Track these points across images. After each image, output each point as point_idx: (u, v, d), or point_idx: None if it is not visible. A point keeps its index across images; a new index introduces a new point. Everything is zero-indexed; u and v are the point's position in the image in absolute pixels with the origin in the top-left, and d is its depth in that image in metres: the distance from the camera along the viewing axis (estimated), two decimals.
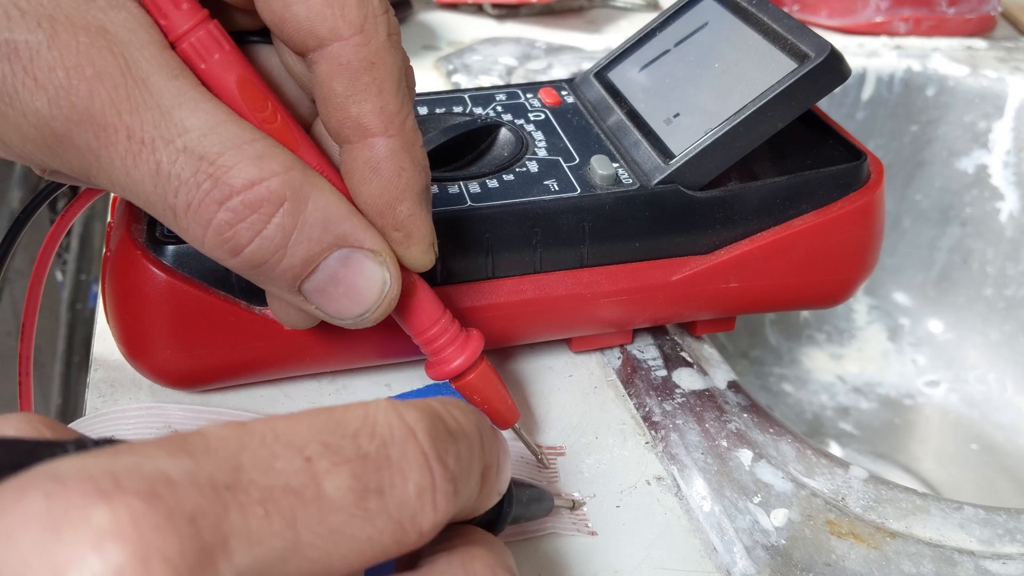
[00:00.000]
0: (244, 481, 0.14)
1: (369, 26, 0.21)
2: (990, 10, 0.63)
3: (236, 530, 0.14)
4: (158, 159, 0.20)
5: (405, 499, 0.16)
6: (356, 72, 0.22)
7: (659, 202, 0.30)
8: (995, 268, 0.60)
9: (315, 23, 0.21)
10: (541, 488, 0.25)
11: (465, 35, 0.61)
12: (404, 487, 0.16)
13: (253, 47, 0.24)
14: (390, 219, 0.23)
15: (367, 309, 0.23)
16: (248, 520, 0.14)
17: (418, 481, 0.16)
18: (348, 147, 0.23)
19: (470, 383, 0.27)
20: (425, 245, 0.24)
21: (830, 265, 0.33)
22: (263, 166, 0.21)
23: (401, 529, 0.16)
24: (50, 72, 0.20)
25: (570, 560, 0.26)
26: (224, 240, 0.21)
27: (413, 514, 0.16)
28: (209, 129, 0.20)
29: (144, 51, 0.20)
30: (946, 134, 0.60)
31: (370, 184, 0.23)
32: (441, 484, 0.17)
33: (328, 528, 0.15)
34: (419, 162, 0.23)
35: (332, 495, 0.15)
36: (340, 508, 0.15)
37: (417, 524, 0.16)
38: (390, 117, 0.22)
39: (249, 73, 0.22)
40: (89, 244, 1.00)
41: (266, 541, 0.14)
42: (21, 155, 0.21)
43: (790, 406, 0.57)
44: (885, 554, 0.27)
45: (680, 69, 0.34)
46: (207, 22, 0.21)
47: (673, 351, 0.34)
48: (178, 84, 0.20)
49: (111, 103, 0.20)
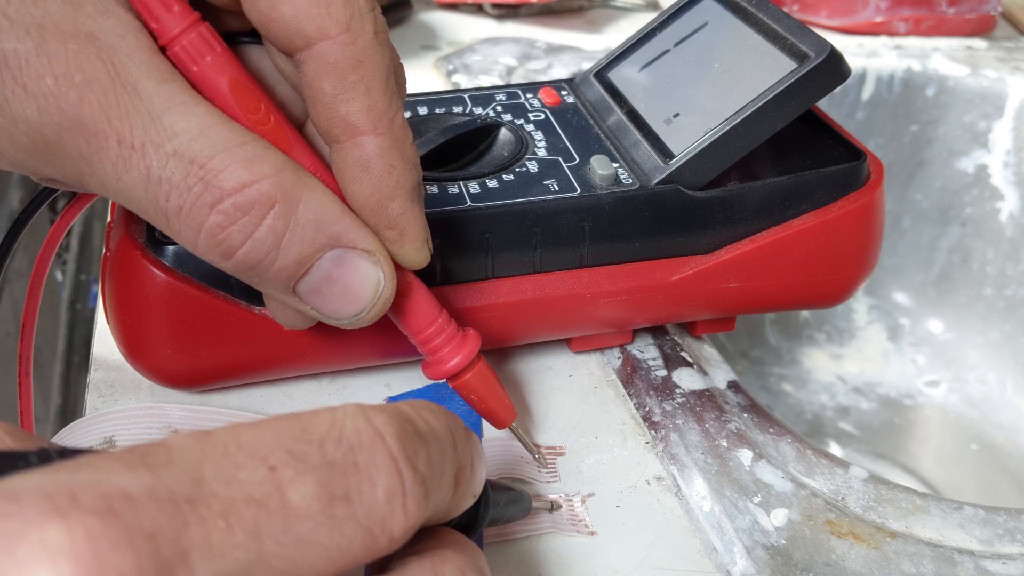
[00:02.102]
0: (205, 494, 0.14)
1: (356, 24, 0.22)
2: (990, 10, 0.63)
3: (197, 544, 0.14)
4: (148, 163, 0.20)
5: (374, 505, 0.16)
6: (343, 71, 0.22)
7: (659, 202, 0.30)
8: (995, 268, 0.60)
9: (302, 22, 0.21)
10: (518, 490, 0.25)
11: (465, 35, 0.61)
12: (372, 493, 0.16)
13: (244, 48, 0.24)
14: (382, 218, 0.23)
15: (362, 309, 0.23)
16: (209, 533, 0.14)
17: (387, 486, 0.16)
18: (338, 147, 0.23)
19: (467, 383, 0.27)
20: (419, 243, 0.24)
21: (830, 265, 0.33)
22: (254, 168, 0.21)
23: (371, 535, 0.16)
24: (39, 80, 0.20)
25: (570, 560, 0.26)
26: (217, 243, 0.21)
27: (383, 519, 0.16)
28: (199, 133, 0.20)
29: (133, 56, 0.20)
30: (946, 134, 0.60)
31: (361, 183, 0.23)
32: (411, 488, 0.16)
33: (294, 538, 0.15)
34: (409, 159, 0.23)
35: (297, 504, 0.15)
36: (306, 517, 0.15)
37: (388, 529, 0.16)
38: (378, 115, 0.22)
39: (241, 75, 0.22)
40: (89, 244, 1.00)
41: (229, 553, 0.14)
42: (15, 163, 0.21)
43: (790, 406, 0.57)
44: (885, 554, 0.27)
45: (680, 69, 0.34)
46: (198, 25, 0.21)
47: (673, 351, 0.34)
48: (167, 88, 0.20)
49: (101, 109, 0.20)
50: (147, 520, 0.13)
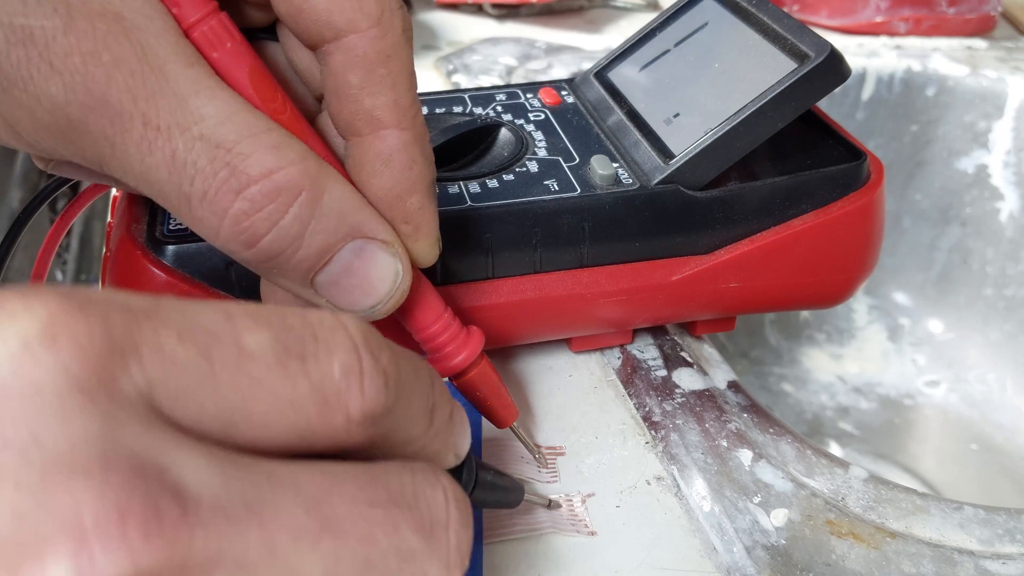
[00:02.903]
0: (163, 313, 0.15)
1: (386, 19, 0.22)
2: (990, 10, 0.63)
3: (148, 341, 0.14)
4: (174, 147, 0.20)
5: (328, 373, 0.16)
6: (372, 64, 0.22)
7: (659, 202, 0.30)
8: (995, 268, 0.60)
9: (333, 14, 0.21)
10: (514, 479, 0.25)
11: (465, 35, 0.61)
12: (328, 361, 0.16)
13: (258, 44, 0.24)
14: (400, 212, 0.23)
15: (379, 301, 0.23)
16: (161, 338, 0.14)
17: (344, 360, 0.16)
18: (358, 140, 0.23)
19: (470, 381, 0.27)
20: (431, 239, 0.24)
21: (830, 265, 0.33)
22: (280, 155, 0.20)
23: (325, 403, 0.16)
24: (66, 58, 0.19)
25: (570, 560, 0.26)
26: (240, 231, 0.21)
27: (338, 391, 0.16)
28: (226, 117, 0.20)
29: (161, 38, 0.20)
30: (946, 134, 0.60)
31: (381, 176, 0.23)
32: (369, 371, 0.16)
33: (246, 375, 0.15)
34: (428, 157, 0.23)
35: (251, 346, 0.15)
36: (258, 359, 0.15)
37: (343, 403, 0.16)
38: (403, 110, 0.22)
39: (259, 64, 0.22)
40: (89, 244, 1.00)
41: (179, 363, 0.14)
42: (32, 143, 0.21)
43: (790, 406, 0.57)
44: (885, 554, 0.27)
45: (680, 69, 0.34)
46: (217, 13, 0.21)
47: (673, 351, 0.34)
48: (194, 72, 0.20)
49: (127, 89, 0.20)
50: (104, 310, 0.14)
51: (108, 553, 0.12)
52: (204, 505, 0.13)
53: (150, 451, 0.13)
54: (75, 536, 0.12)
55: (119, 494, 0.12)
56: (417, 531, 0.16)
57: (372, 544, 0.15)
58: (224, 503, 0.14)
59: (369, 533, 0.15)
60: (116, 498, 0.12)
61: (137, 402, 0.14)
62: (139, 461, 0.13)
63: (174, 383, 0.14)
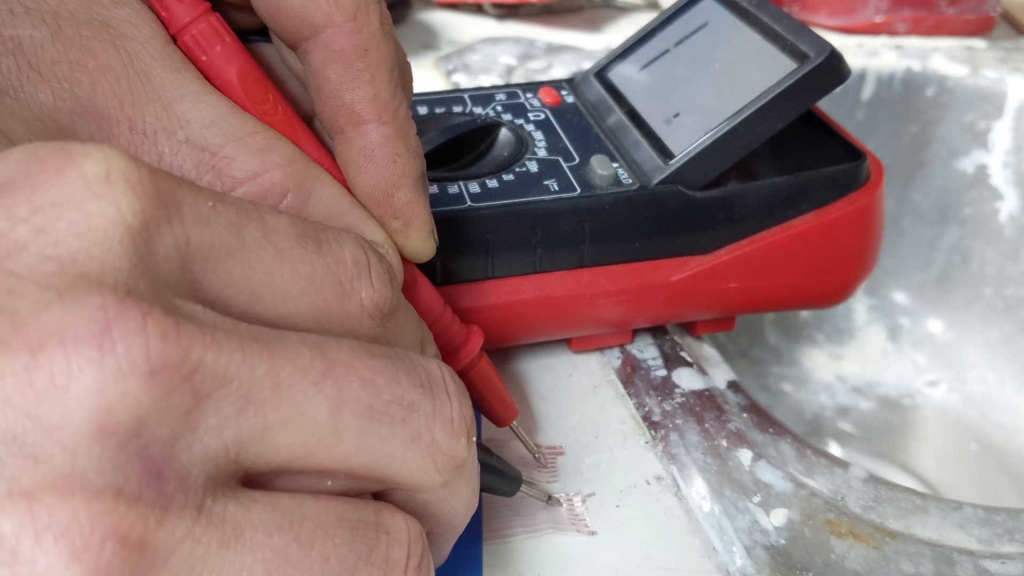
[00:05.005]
0: (198, 185, 0.16)
1: (362, 13, 0.22)
2: (990, 10, 0.63)
3: (188, 201, 0.16)
4: (160, 150, 0.20)
5: (341, 259, 0.18)
6: (349, 59, 0.22)
7: (659, 202, 0.30)
8: (995, 268, 0.60)
9: (309, 10, 0.21)
10: (513, 467, 0.25)
11: (465, 35, 0.61)
12: (340, 250, 0.18)
13: (254, 46, 0.24)
14: (388, 207, 0.23)
15: None
16: (199, 203, 0.16)
17: (354, 254, 0.18)
18: (342, 137, 0.23)
19: (469, 379, 0.27)
20: (424, 233, 0.24)
21: (830, 265, 0.33)
22: (266, 158, 0.21)
23: (339, 285, 0.17)
24: (54, 65, 0.20)
25: (570, 560, 0.26)
26: None
27: (351, 277, 0.18)
28: (211, 121, 0.21)
29: (146, 45, 0.21)
30: (946, 134, 0.60)
31: (366, 172, 0.23)
32: (377, 268, 0.18)
33: (272, 244, 0.17)
34: (414, 149, 0.23)
35: (273, 224, 0.17)
36: (281, 234, 0.17)
37: (356, 291, 0.18)
38: (383, 104, 0.22)
39: (250, 65, 0.22)
40: None
41: (214, 226, 0.16)
42: None
43: (790, 406, 0.57)
44: (885, 554, 0.27)
45: (680, 69, 0.34)
46: (208, 14, 0.21)
47: (673, 351, 0.34)
48: (180, 77, 0.21)
49: (113, 95, 0.20)
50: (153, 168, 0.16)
51: (127, 337, 0.14)
52: (220, 330, 0.15)
53: (175, 291, 0.15)
54: (99, 321, 0.14)
55: (141, 304, 0.14)
56: (417, 386, 0.18)
57: (374, 389, 0.17)
58: (237, 333, 0.15)
59: (371, 379, 0.17)
60: (139, 306, 0.14)
61: (172, 255, 0.15)
62: (164, 297, 0.15)
63: (208, 243, 0.16)
